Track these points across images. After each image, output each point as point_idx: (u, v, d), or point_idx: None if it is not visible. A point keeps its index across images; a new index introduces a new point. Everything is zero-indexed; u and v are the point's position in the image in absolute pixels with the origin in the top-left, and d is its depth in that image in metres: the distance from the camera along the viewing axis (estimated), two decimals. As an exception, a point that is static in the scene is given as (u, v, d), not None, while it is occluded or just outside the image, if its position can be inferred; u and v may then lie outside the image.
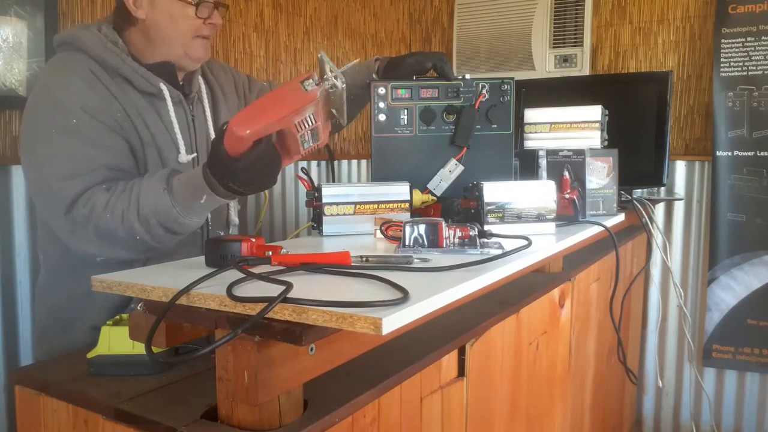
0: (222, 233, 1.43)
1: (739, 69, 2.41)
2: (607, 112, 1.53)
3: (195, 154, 1.36)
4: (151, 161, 1.30)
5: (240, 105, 1.58)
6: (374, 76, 1.56)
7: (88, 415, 0.86)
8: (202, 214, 1.20)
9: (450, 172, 1.48)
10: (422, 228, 1.01)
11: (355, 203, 1.27)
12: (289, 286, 0.73)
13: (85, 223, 1.18)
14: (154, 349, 0.76)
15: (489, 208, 1.18)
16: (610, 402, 2.20)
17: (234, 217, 1.46)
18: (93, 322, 1.29)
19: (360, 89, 1.62)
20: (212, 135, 1.43)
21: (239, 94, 1.59)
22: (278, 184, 2.46)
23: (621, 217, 1.59)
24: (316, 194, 1.27)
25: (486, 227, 1.14)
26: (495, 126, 1.49)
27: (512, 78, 1.49)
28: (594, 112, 1.50)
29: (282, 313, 0.70)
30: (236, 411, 0.75)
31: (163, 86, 1.33)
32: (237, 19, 2.29)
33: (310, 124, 0.98)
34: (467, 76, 1.48)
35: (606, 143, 1.54)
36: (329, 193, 1.26)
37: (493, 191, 1.19)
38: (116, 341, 0.94)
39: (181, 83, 1.42)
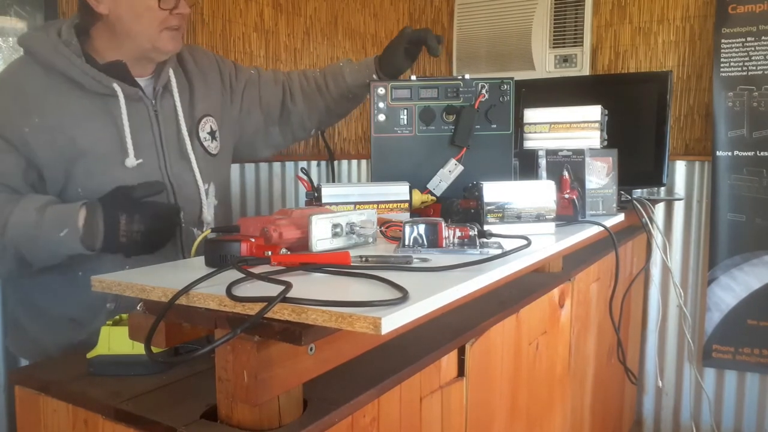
0: (195, 230, 1.39)
1: (739, 69, 2.41)
2: (606, 112, 1.53)
3: (141, 160, 1.29)
4: (81, 172, 1.25)
5: (225, 94, 1.53)
6: (374, 77, 1.57)
7: (88, 415, 0.86)
8: (53, 252, 1.17)
9: (450, 172, 1.48)
10: (422, 228, 1.01)
11: (355, 203, 1.27)
12: (288, 285, 0.73)
13: None
14: (154, 349, 0.76)
15: (489, 208, 1.18)
16: (610, 402, 2.20)
17: (207, 215, 1.40)
18: (66, 312, 1.29)
19: (359, 88, 1.63)
20: (183, 128, 1.37)
21: (225, 83, 1.54)
22: (278, 184, 2.46)
23: (621, 217, 1.59)
24: (316, 194, 1.27)
25: (486, 227, 1.14)
26: (495, 126, 1.49)
27: (512, 78, 1.49)
28: (594, 112, 1.50)
29: (281, 312, 0.70)
30: (236, 411, 0.76)
31: (116, 86, 1.27)
32: (237, 19, 2.29)
33: None
34: (467, 76, 1.48)
35: (606, 143, 1.54)
36: (329, 193, 1.26)
37: (493, 191, 1.19)
38: (116, 341, 0.94)
39: (150, 76, 1.37)
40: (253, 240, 0.93)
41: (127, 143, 1.27)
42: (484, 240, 1.06)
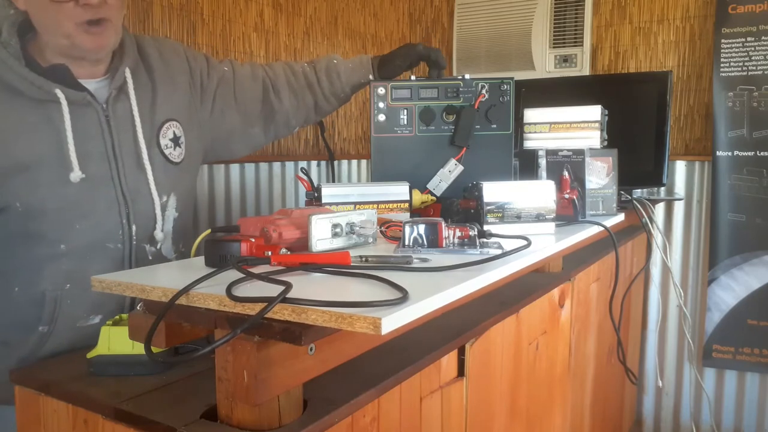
0: (147, 246, 1.26)
1: (739, 69, 2.41)
2: (606, 112, 1.53)
3: (84, 175, 1.15)
4: (21, 187, 1.13)
5: (194, 94, 1.40)
6: (370, 77, 1.56)
7: (88, 415, 0.86)
8: None
9: (450, 172, 1.48)
10: (422, 228, 1.01)
11: (355, 203, 1.27)
12: (288, 286, 0.73)
13: None
14: (154, 349, 0.76)
15: (488, 208, 1.18)
16: (610, 402, 2.20)
17: (159, 233, 1.27)
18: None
19: (351, 87, 1.58)
20: (140, 135, 1.24)
21: (195, 81, 1.40)
22: (278, 184, 2.46)
23: (621, 217, 1.59)
24: (316, 194, 1.27)
25: (485, 227, 1.14)
26: (494, 126, 1.49)
27: (512, 78, 1.49)
28: (594, 112, 1.50)
29: (281, 313, 0.71)
30: (236, 411, 0.76)
31: (59, 91, 1.14)
32: (237, 19, 2.29)
33: None
34: (467, 76, 1.48)
35: (606, 143, 1.54)
36: (329, 193, 1.26)
37: (493, 191, 1.19)
38: (116, 341, 0.94)
39: (104, 77, 1.24)
40: (253, 240, 0.93)
41: (71, 154, 1.14)
42: (484, 240, 1.06)
